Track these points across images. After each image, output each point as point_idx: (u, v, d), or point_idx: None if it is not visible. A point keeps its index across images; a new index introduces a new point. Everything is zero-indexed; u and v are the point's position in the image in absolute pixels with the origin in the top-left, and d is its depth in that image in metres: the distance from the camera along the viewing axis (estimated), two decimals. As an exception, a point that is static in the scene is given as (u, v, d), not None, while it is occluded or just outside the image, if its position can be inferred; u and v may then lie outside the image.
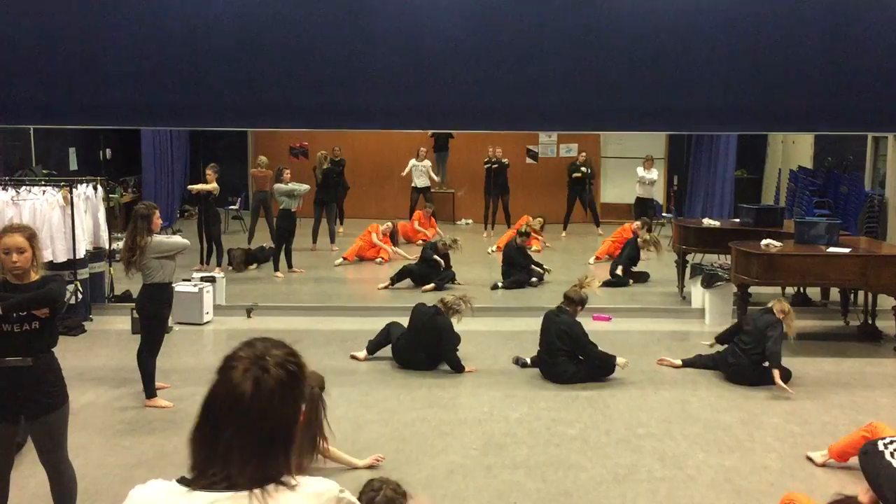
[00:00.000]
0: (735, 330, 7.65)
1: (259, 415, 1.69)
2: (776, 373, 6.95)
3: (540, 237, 13.79)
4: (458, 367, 7.50)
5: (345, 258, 12.75)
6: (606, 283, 11.09)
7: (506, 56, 8.19)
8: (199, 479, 1.69)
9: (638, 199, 15.18)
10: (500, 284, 11.02)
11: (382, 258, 12.95)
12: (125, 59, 8.14)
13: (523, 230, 11.67)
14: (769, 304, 7.35)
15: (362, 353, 7.89)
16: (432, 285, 10.79)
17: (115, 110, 8.38)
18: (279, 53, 8.16)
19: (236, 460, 1.67)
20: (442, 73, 8.22)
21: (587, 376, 7.27)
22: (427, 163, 15.89)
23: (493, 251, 13.62)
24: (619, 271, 11.35)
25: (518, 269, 11.19)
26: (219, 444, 1.68)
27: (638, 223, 12.17)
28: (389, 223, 13.53)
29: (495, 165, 15.36)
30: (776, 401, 6.86)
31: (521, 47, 8.19)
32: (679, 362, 7.73)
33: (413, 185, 15.84)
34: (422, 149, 15.90)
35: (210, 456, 1.69)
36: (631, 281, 11.34)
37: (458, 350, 7.56)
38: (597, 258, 13.02)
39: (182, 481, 1.70)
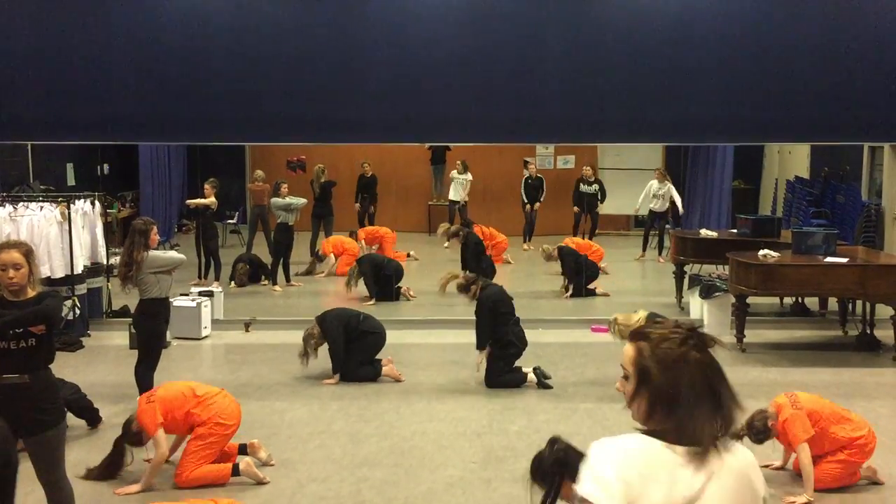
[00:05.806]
0: None
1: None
2: None
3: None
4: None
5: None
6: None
7: (502, 68, 8.23)
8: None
9: (652, 212, 14.24)
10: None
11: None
12: (122, 74, 8.18)
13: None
14: None
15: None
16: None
17: (113, 126, 8.40)
18: (276, 68, 8.20)
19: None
20: (438, 86, 8.25)
21: None
22: (469, 176, 15.80)
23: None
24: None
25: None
26: None
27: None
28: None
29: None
30: (776, 412, 6.84)
31: (518, 60, 8.23)
32: None
33: (449, 198, 15.92)
34: (462, 161, 15.87)
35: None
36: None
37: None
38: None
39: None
